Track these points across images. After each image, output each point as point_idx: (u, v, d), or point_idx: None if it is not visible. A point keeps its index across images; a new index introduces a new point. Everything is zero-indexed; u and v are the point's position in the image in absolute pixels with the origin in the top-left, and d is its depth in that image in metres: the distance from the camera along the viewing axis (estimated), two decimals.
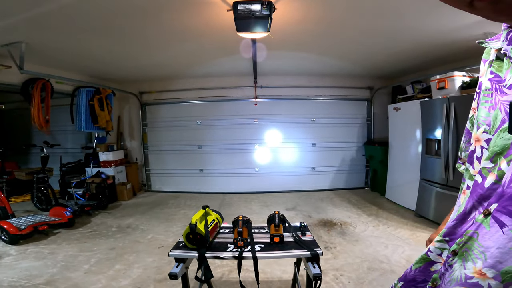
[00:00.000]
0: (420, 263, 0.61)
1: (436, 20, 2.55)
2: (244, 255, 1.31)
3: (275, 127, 5.37)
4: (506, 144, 0.47)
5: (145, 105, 5.50)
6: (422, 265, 0.60)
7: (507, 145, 0.47)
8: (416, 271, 0.61)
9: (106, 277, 2.30)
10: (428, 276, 0.59)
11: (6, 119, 6.26)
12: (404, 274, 0.65)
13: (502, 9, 0.41)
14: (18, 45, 2.89)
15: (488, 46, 0.58)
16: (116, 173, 4.88)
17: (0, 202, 3.36)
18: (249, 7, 1.88)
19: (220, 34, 2.85)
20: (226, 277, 2.28)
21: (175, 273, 1.27)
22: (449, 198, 3.16)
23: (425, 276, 0.60)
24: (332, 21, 2.61)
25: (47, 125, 3.75)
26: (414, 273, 0.62)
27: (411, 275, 0.63)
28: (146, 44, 3.20)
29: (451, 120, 3.07)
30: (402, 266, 2.40)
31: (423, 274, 0.60)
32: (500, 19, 0.45)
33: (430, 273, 0.59)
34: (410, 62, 4.17)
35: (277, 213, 1.54)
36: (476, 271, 0.48)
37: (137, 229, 3.46)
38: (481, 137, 0.55)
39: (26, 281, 2.22)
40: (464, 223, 0.53)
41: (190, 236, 1.32)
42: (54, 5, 2.06)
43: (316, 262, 1.30)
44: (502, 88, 0.51)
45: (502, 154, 0.48)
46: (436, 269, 0.58)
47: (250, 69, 4.53)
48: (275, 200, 4.77)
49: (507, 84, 0.50)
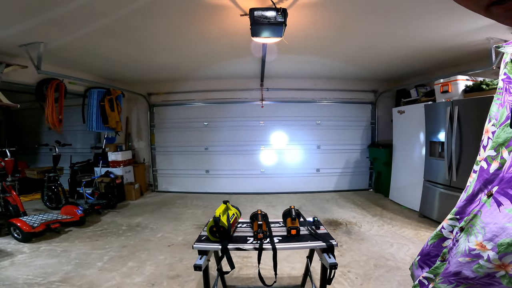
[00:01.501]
0: (434, 239, 0.69)
1: (440, 25, 2.65)
2: (264, 246, 1.39)
3: (281, 129, 5.46)
4: (508, 137, 0.55)
5: (153, 106, 5.60)
6: (436, 240, 0.68)
7: (509, 138, 0.55)
8: (431, 246, 0.69)
9: (120, 274, 2.34)
10: (440, 251, 0.67)
11: (17, 118, 6.38)
12: (421, 250, 0.73)
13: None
14: (35, 45, 2.97)
15: (504, 51, 0.63)
16: (125, 173, 4.96)
17: (12, 200, 3.41)
18: (264, 13, 1.98)
19: (232, 37, 2.95)
20: (237, 274, 2.35)
21: (199, 264, 1.33)
22: (453, 198, 3.23)
23: (437, 251, 0.68)
24: (341, 26, 2.71)
25: (60, 125, 3.85)
26: (429, 248, 0.70)
27: (427, 250, 0.71)
28: (158, 47, 3.30)
29: (454, 123, 3.15)
30: (407, 263, 2.47)
31: (436, 249, 0.68)
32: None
33: (441, 248, 0.67)
34: (414, 66, 4.26)
35: (292, 207, 1.62)
36: (477, 243, 0.55)
37: (146, 227, 3.53)
38: (489, 129, 0.64)
39: (42, 279, 2.25)
40: (472, 203, 0.61)
41: (214, 229, 1.40)
42: (72, 5, 2.13)
43: (332, 253, 1.38)
44: (510, 89, 0.59)
45: (504, 145, 0.56)
46: (447, 244, 0.66)
47: (257, 71, 4.63)
48: (280, 200, 4.85)
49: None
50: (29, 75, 3.50)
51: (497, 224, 0.52)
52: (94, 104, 4.47)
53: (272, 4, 2.07)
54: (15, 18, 2.36)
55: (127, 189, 4.90)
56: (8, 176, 3.50)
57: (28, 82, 3.69)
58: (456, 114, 3.13)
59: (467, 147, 3.07)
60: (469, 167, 3.07)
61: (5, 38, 2.78)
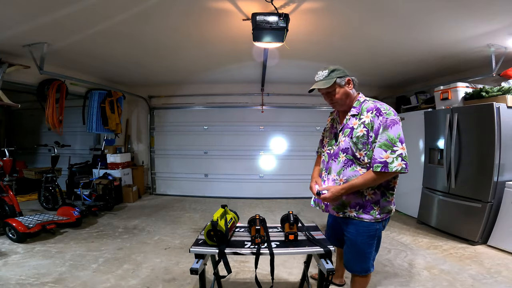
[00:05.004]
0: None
1: (441, 32, 2.67)
2: (261, 251, 1.37)
3: (280, 135, 5.46)
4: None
5: (154, 109, 5.61)
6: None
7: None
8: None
9: (115, 277, 2.32)
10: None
11: (17, 118, 6.38)
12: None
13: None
14: (39, 46, 2.98)
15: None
16: (123, 175, 4.94)
17: (9, 200, 3.39)
18: (267, 18, 2.00)
19: (234, 41, 2.98)
20: (234, 278, 2.32)
21: (196, 268, 1.32)
22: (451, 205, 3.23)
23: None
24: (342, 33, 2.74)
25: (60, 125, 3.85)
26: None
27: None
28: (161, 49, 3.32)
29: (454, 130, 3.16)
30: (404, 270, 2.45)
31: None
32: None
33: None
34: (414, 72, 4.29)
35: (291, 213, 1.61)
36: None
37: (143, 230, 3.50)
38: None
39: (35, 279, 2.22)
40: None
41: (211, 233, 1.38)
42: (77, 7, 2.15)
43: (329, 258, 1.37)
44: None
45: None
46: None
47: (258, 76, 4.65)
48: (279, 205, 4.82)
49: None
50: (31, 75, 3.51)
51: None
52: (94, 106, 4.48)
53: (274, 9, 2.09)
54: (20, 18, 2.37)
55: (125, 191, 4.88)
56: (5, 176, 3.48)
57: (30, 82, 3.70)
58: (456, 121, 3.14)
59: (467, 154, 3.07)
60: (468, 174, 3.08)
61: (9, 38, 2.79)
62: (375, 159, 1.40)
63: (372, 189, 1.49)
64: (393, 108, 1.48)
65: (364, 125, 1.46)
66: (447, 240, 3.14)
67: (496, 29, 2.53)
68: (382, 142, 1.39)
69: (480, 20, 2.36)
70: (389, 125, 1.40)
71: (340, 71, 1.52)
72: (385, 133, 1.39)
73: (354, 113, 1.53)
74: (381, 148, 1.39)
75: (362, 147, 1.46)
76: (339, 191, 1.46)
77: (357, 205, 1.51)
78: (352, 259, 1.59)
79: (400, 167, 1.36)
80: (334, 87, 1.51)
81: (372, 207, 1.50)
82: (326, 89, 1.52)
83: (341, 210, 1.56)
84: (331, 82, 1.49)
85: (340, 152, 1.54)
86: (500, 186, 2.84)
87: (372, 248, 1.56)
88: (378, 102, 1.51)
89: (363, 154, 1.46)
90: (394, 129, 1.39)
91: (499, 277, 2.30)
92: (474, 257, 2.68)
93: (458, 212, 3.14)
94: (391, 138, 1.38)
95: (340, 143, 1.55)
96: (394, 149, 1.37)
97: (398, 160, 1.37)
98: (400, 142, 1.38)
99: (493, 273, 2.36)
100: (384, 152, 1.38)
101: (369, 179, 1.42)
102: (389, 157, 1.37)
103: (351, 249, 1.57)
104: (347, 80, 1.53)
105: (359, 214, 1.51)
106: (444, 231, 3.32)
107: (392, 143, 1.38)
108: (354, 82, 1.56)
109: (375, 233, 1.52)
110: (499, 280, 2.25)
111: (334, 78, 1.49)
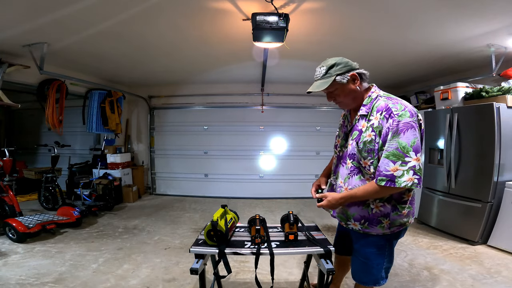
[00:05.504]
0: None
1: (441, 32, 2.67)
2: (261, 251, 1.37)
3: (280, 135, 5.46)
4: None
5: (154, 109, 5.61)
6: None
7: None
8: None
9: (115, 277, 2.32)
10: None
11: (17, 118, 6.38)
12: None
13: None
14: (39, 46, 2.98)
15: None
16: (123, 175, 4.94)
17: (9, 200, 3.39)
18: (267, 18, 2.00)
19: (234, 41, 2.98)
20: (234, 278, 2.32)
21: (196, 268, 1.32)
22: (451, 205, 3.23)
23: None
24: (342, 33, 2.74)
25: (60, 125, 3.85)
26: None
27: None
28: (161, 49, 3.32)
29: (453, 130, 3.16)
30: (405, 269, 2.46)
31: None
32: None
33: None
34: (414, 72, 4.28)
35: (291, 213, 1.61)
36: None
37: (143, 230, 3.50)
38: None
39: (35, 279, 2.22)
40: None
41: (211, 233, 1.38)
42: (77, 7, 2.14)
43: (329, 259, 1.37)
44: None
45: None
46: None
47: (258, 76, 4.65)
48: (279, 205, 4.82)
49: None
50: (31, 75, 3.51)
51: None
52: (94, 106, 4.48)
53: (274, 9, 2.09)
54: (20, 18, 2.37)
55: (125, 191, 4.88)
56: (5, 176, 3.48)
57: (30, 82, 3.70)
58: (456, 121, 3.14)
59: (466, 154, 3.07)
60: (468, 174, 3.08)
61: (9, 38, 2.79)
62: (380, 171, 1.16)
63: (381, 201, 1.26)
64: (412, 107, 1.22)
65: (373, 128, 1.21)
66: (447, 240, 3.14)
67: (496, 29, 2.53)
68: (391, 151, 1.14)
69: (480, 20, 2.36)
70: (401, 129, 1.13)
71: (341, 65, 1.27)
72: (395, 140, 1.14)
73: (363, 113, 1.29)
74: (389, 159, 1.14)
75: (367, 155, 1.23)
76: (337, 200, 1.28)
77: (362, 218, 1.30)
78: (360, 269, 1.40)
79: (410, 183, 1.12)
80: (335, 86, 1.28)
81: (380, 221, 1.27)
82: (326, 90, 1.29)
83: (344, 221, 1.39)
84: (330, 81, 1.25)
85: (347, 158, 1.34)
86: (500, 186, 2.84)
87: (383, 259, 1.35)
88: (392, 99, 1.25)
89: (368, 163, 1.23)
90: (408, 134, 1.13)
91: (499, 277, 2.30)
92: (474, 257, 2.68)
93: (458, 212, 3.15)
94: (402, 146, 1.12)
95: (348, 147, 1.34)
96: (406, 159, 1.12)
97: (409, 174, 1.11)
98: (414, 152, 1.12)
99: (493, 273, 2.36)
100: (392, 163, 1.13)
101: (370, 191, 1.20)
102: (397, 169, 1.12)
103: (358, 259, 1.39)
104: (351, 76, 1.27)
105: (364, 228, 1.31)
106: (444, 231, 3.32)
107: (404, 153, 1.12)
108: (363, 76, 1.32)
109: (385, 243, 1.33)
110: (499, 280, 2.25)
111: (333, 76, 1.25)
